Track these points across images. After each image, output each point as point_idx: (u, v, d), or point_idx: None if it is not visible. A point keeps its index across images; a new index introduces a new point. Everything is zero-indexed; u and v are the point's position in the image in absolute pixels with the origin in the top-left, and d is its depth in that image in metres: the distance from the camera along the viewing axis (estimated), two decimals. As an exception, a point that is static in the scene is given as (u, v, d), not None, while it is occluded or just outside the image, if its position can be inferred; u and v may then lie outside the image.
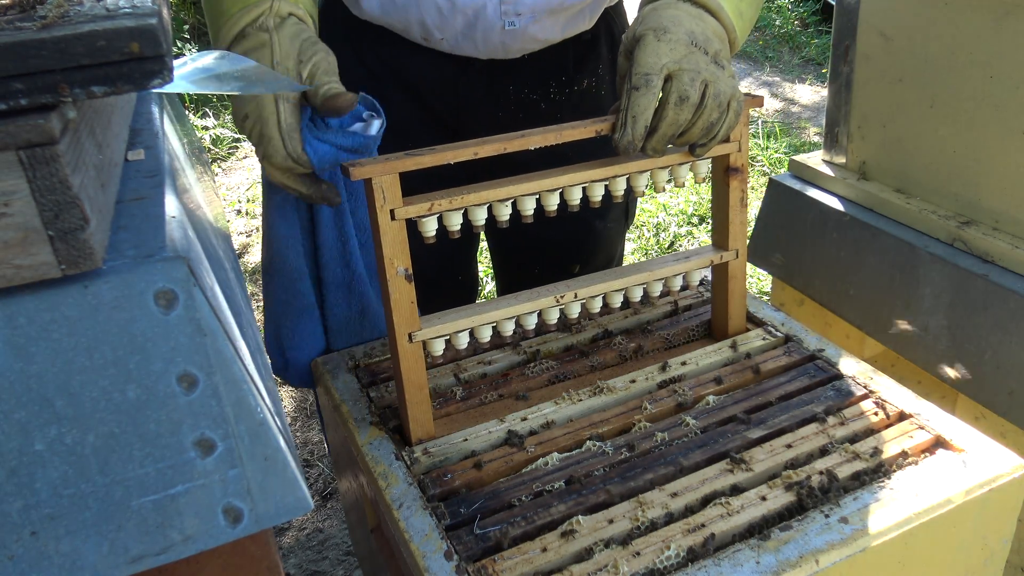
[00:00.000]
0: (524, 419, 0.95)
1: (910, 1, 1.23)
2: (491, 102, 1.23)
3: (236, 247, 3.21)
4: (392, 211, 0.85)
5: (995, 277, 1.13)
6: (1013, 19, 1.09)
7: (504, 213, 0.93)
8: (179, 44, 4.20)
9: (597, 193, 0.98)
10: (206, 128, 4.04)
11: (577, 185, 0.96)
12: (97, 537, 0.52)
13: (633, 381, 1.01)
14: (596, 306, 1.02)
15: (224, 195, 3.60)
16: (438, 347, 0.93)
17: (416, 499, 0.84)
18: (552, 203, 0.95)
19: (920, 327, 1.23)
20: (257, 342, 0.79)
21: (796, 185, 1.46)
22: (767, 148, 3.82)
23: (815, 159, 1.48)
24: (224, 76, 0.75)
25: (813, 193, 1.42)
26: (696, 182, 1.03)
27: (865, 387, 0.98)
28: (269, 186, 1.05)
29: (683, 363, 1.05)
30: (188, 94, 4.00)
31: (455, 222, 0.91)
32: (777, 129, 4.04)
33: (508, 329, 0.97)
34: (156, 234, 0.53)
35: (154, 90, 0.47)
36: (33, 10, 0.47)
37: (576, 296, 0.99)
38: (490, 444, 0.92)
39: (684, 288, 1.14)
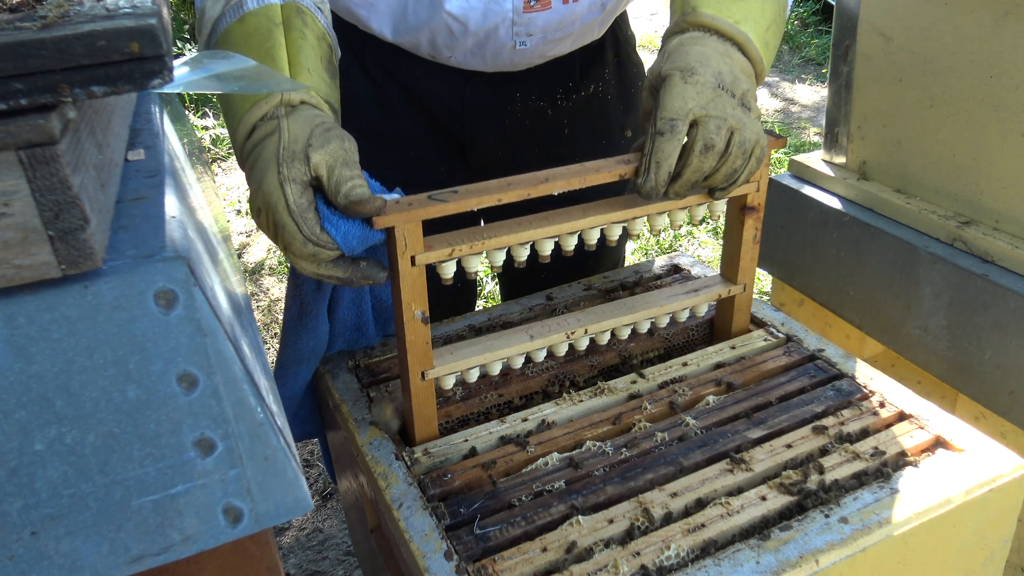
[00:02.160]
0: (525, 420, 0.95)
1: (910, 1, 1.23)
2: (497, 110, 1.22)
3: (236, 247, 3.21)
4: (413, 257, 0.85)
5: (995, 277, 1.13)
6: (1013, 19, 1.09)
7: (522, 255, 0.94)
8: (179, 44, 4.20)
9: (615, 233, 0.99)
10: (206, 128, 4.04)
11: (596, 227, 0.96)
12: (97, 537, 0.52)
13: (634, 382, 1.01)
14: (604, 339, 1.03)
15: (224, 195, 3.61)
16: (449, 383, 0.95)
17: (416, 499, 0.84)
18: (570, 244, 0.96)
19: (920, 327, 1.23)
20: (257, 342, 0.79)
21: (796, 185, 1.46)
22: (767, 148, 3.82)
23: (815, 159, 1.48)
24: (224, 76, 0.75)
25: (813, 193, 1.42)
26: (711, 219, 1.04)
27: (865, 387, 0.98)
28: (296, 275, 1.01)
29: (684, 364, 1.05)
30: (188, 94, 4.00)
31: (473, 266, 0.91)
32: (777, 129, 4.04)
33: (518, 363, 0.98)
34: (156, 234, 0.53)
35: (154, 90, 0.47)
36: (33, 10, 0.47)
37: (587, 332, 1.00)
38: (490, 445, 0.92)
39: (691, 318, 1.14)
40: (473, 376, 0.95)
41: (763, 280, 2.73)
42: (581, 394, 0.99)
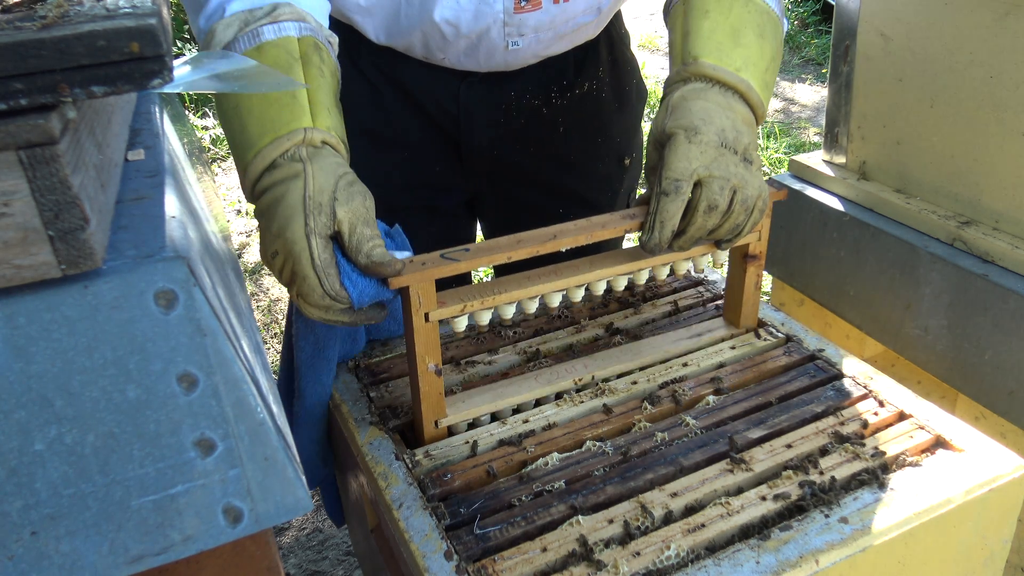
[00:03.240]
0: (525, 421, 0.95)
1: (910, 1, 1.23)
2: (492, 109, 1.22)
3: (236, 247, 3.21)
4: (427, 314, 0.88)
5: (995, 277, 1.13)
6: (1013, 19, 1.09)
7: (532, 307, 0.98)
8: (179, 44, 4.20)
9: (621, 284, 1.02)
10: (206, 128, 4.04)
11: (603, 280, 0.99)
12: (97, 537, 0.52)
13: (635, 382, 1.01)
14: (611, 379, 1.04)
15: (224, 195, 3.61)
16: (462, 428, 0.97)
17: (416, 499, 0.84)
18: (577, 296, 0.99)
19: (920, 327, 1.23)
20: (257, 342, 0.79)
21: (796, 185, 1.46)
22: (767, 148, 3.82)
23: (815, 159, 1.48)
24: (224, 76, 0.75)
25: (813, 193, 1.42)
26: (715, 267, 1.07)
27: (865, 387, 0.98)
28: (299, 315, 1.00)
29: (684, 364, 1.05)
30: (188, 94, 4.00)
31: (485, 319, 0.95)
32: (777, 129, 4.04)
33: (529, 405, 1.00)
34: (156, 234, 0.53)
35: (154, 90, 0.47)
36: (33, 10, 0.47)
37: (593, 378, 1.02)
38: (491, 445, 0.92)
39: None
40: (484, 419, 0.98)
41: (763, 280, 2.72)
42: (582, 394, 0.99)
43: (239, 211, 3.46)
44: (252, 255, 3.16)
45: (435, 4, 1.04)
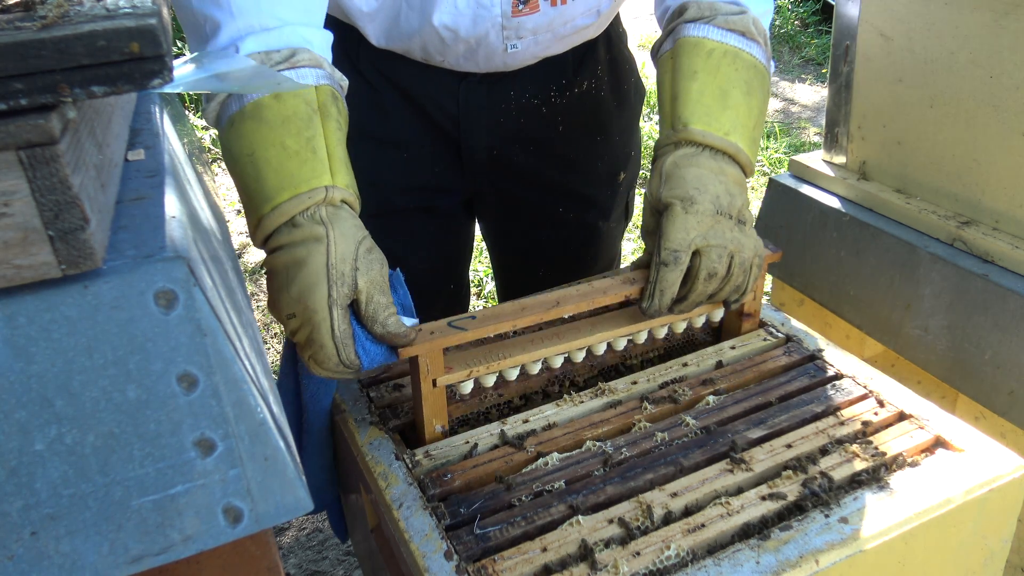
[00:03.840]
0: (526, 421, 0.95)
1: (910, 1, 1.23)
2: (492, 109, 1.22)
3: (236, 247, 3.21)
4: (435, 380, 0.91)
5: (995, 277, 1.13)
6: (1013, 19, 1.09)
7: (535, 368, 1.01)
8: (179, 44, 4.20)
9: (621, 344, 1.05)
10: (206, 128, 4.04)
11: (604, 342, 1.02)
12: (97, 537, 0.52)
13: (634, 382, 1.01)
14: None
15: (224, 195, 3.61)
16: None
17: (416, 499, 0.84)
18: (579, 356, 1.03)
19: (920, 327, 1.23)
20: (257, 342, 0.79)
21: (796, 185, 1.46)
22: (767, 148, 3.82)
23: (815, 159, 1.48)
24: (224, 76, 0.75)
25: (813, 193, 1.42)
26: (713, 325, 1.12)
27: (865, 387, 0.98)
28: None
29: (684, 364, 1.05)
30: (188, 94, 4.00)
31: (489, 382, 0.99)
32: (777, 129, 4.04)
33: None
34: (156, 234, 0.53)
35: (154, 90, 0.47)
36: (33, 10, 0.47)
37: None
38: (491, 446, 0.92)
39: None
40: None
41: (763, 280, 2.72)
42: (582, 394, 0.99)
43: (239, 211, 3.46)
44: (252, 255, 3.16)
45: (434, 9, 1.04)
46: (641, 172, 1.66)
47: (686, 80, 0.98)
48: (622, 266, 1.40)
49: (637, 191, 1.42)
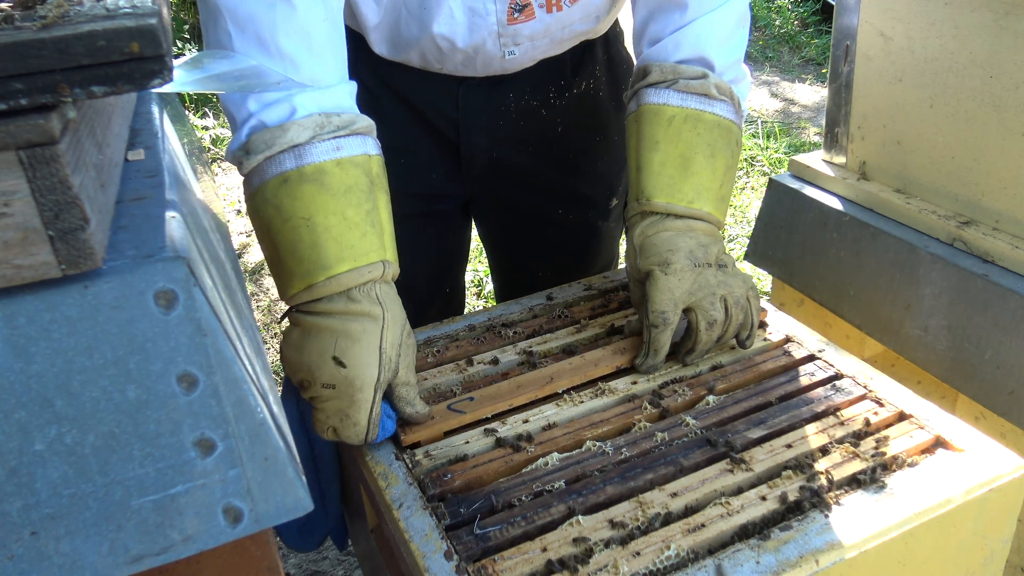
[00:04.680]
0: (525, 421, 0.95)
1: (910, 1, 1.23)
2: (491, 111, 1.22)
3: (236, 247, 3.21)
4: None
5: (995, 277, 1.13)
6: (1013, 19, 1.09)
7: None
8: (179, 44, 4.20)
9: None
10: (206, 128, 4.04)
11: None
12: (97, 537, 0.52)
13: (634, 382, 1.01)
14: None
15: (224, 195, 3.61)
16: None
17: (416, 499, 0.84)
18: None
19: (920, 327, 1.23)
20: (257, 342, 0.79)
21: (796, 185, 1.46)
22: (767, 148, 3.82)
23: (815, 159, 1.48)
24: (224, 76, 0.75)
25: (813, 193, 1.42)
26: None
27: (865, 387, 0.98)
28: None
29: (684, 364, 1.05)
30: (188, 94, 4.00)
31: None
32: (777, 129, 4.04)
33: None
34: (156, 234, 0.53)
35: (154, 90, 0.47)
36: (33, 10, 0.47)
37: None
38: (491, 445, 0.92)
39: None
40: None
41: (763, 280, 2.73)
42: (582, 394, 0.99)
43: (239, 211, 3.46)
44: (252, 255, 3.16)
45: (432, 19, 1.04)
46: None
47: (648, 152, 1.01)
48: (620, 267, 1.40)
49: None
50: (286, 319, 0.91)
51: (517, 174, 1.29)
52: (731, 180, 1.06)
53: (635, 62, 1.11)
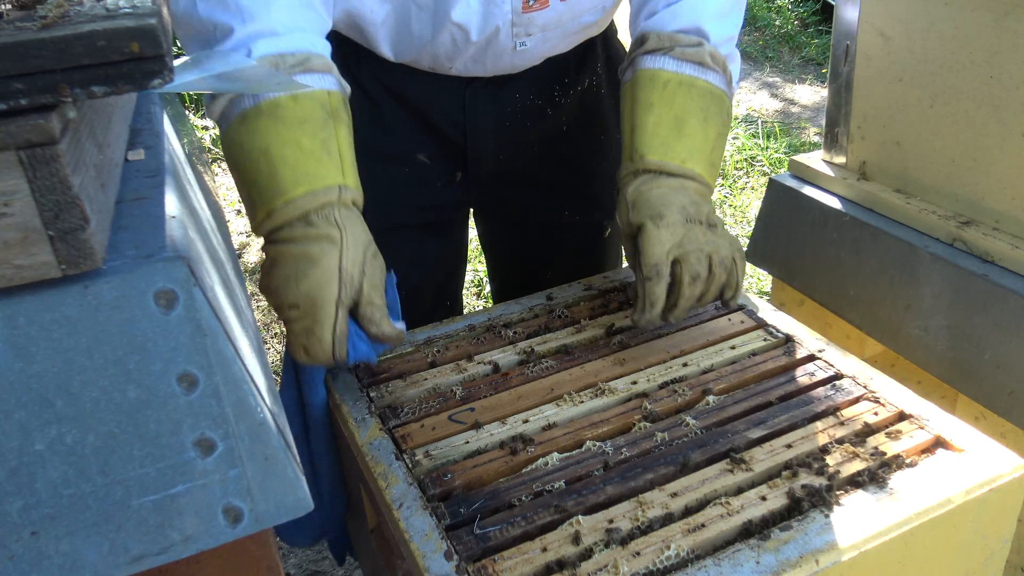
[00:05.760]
0: (526, 421, 0.95)
1: (910, 1, 1.23)
2: (498, 112, 1.22)
3: (236, 247, 3.21)
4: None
5: (995, 277, 1.13)
6: (1013, 19, 1.09)
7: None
8: (179, 44, 4.20)
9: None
10: (206, 128, 4.04)
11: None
12: (97, 537, 0.52)
13: (635, 383, 1.01)
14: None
15: (224, 195, 3.61)
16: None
17: (416, 499, 0.84)
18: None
19: (920, 327, 1.23)
20: (257, 342, 0.79)
21: (796, 185, 1.46)
22: (767, 148, 3.82)
23: (815, 159, 1.48)
24: (224, 76, 0.75)
25: (813, 193, 1.42)
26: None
27: (865, 387, 0.98)
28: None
29: (684, 364, 1.05)
30: (188, 94, 4.00)
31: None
32: (777, 129, 4.04)
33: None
34: (156, 234, 0.53)
35: (154, 90, 0.47)
36: (33, 10, 0.47)
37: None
38: (491, 445, 0.92)
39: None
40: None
41: (763, 280, 2.73)
42: (582, 394, 0.99)
43: (239, 211, 3.46)
44: (252, 255, 3.16)
45: (451, 7, 1.04)
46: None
47: (643, 113, 1.04)
48: (623, 266, 1.40)
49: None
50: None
51: (523, 176, 1.29)
52: (721, 148, 1.08)
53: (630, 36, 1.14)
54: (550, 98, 1.25)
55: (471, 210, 1.40)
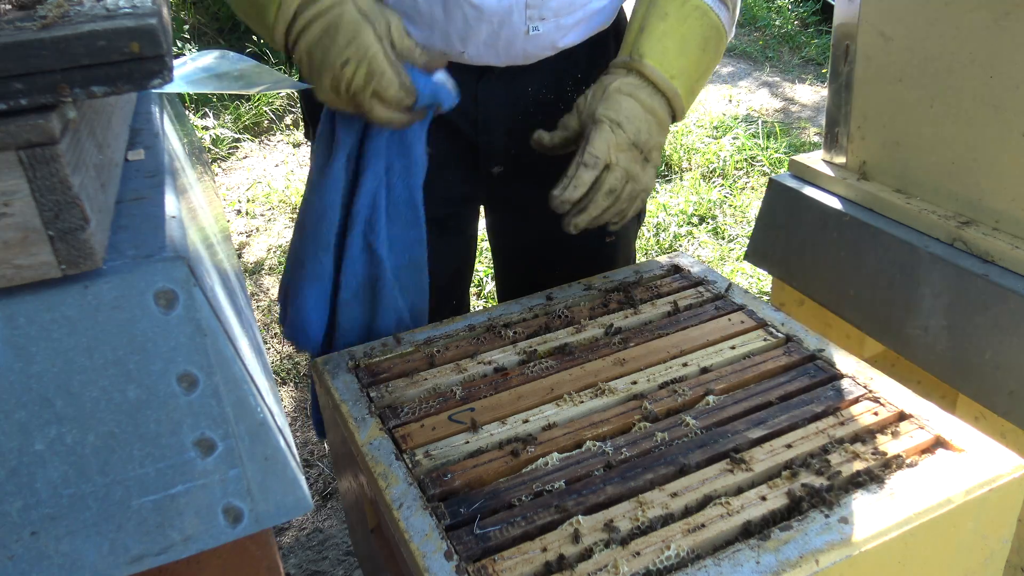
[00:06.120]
0: (526, 421, 0.95)
1: (910, 1, 1.23)
2: (511, 105, 1.23)
3: (236, 247, 3.21)
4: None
5: (995, 277, 1.13)
6: (1013, 19, 1.09)
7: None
8: (179, 44, 4.20)
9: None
10: (206, 128, 4.04)
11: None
12: (97, 537, 0.52)
13: (635, 382, 1.01)
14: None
15: (224, 195, 3.61)
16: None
17: (416, 499, 0.84)
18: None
19: (920, 327, 1.23)
20: (257, 342, 0.79)
21: (796, 185, 1.46)
22: (767, 148, 3.82)
23: (815, 159, 1.48)
24: (224, 76, 0.75)
25: (813, 193, 1.42)
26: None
27: (865, 387, 0.98)
28: (325, 149, 1.09)
29: (684, 364, 1.05)
30: (188, 94, 4.00)
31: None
32: (777, 129, 4.04)
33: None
34: (156, 234, 0.53)
35: (154, 90, 0.47)
36: (33, 10, 0.47)
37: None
38: (491, 445, 0.92)
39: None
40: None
41: (763, 280, 2.73)
42: (582, 394, 0.99)
43: (239, 211, 3.46)
44: (252, 255, 3.16)
45: None
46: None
47: (656, 19, 1.10)
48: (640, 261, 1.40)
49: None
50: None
51: (533, 170, 1.29)
52: (704, 81, 1.16)
53: None
54: (562, 92, 1.25)
55: (480, 208, 1.40)
